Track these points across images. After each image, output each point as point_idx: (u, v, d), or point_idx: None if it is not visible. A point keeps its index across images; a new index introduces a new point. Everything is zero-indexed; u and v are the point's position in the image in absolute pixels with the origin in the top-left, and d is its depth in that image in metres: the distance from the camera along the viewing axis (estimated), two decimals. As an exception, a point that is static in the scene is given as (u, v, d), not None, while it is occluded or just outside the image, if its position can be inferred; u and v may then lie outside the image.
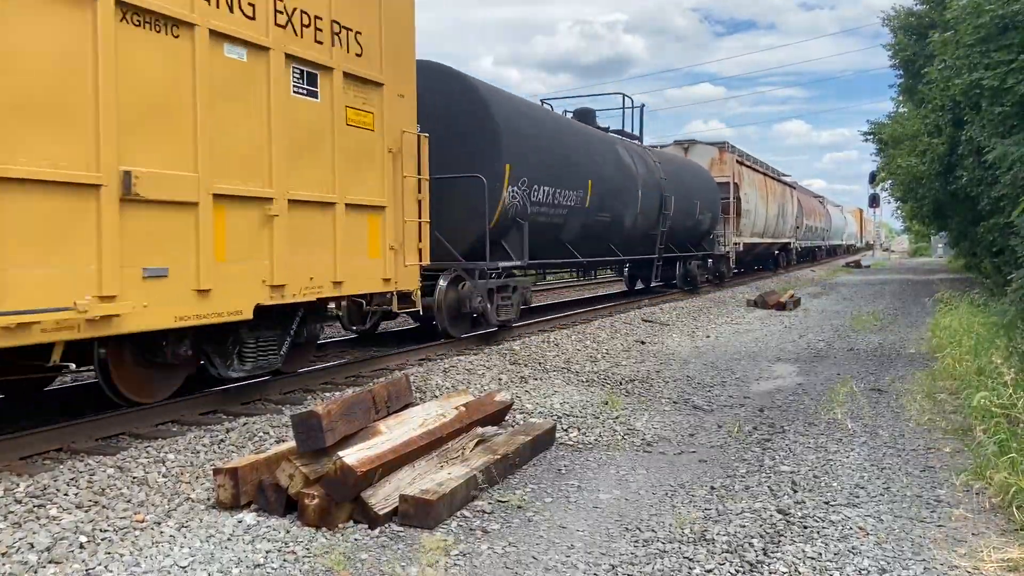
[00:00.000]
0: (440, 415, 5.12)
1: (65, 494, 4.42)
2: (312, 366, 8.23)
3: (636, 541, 4.00)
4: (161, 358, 6.04)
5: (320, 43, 6.95)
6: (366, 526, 4.11)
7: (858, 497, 4.65)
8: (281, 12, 6.51)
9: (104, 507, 4.27)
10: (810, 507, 4.47)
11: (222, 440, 5.61)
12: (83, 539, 3.83)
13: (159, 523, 4.09)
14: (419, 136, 8.42)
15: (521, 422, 6.20)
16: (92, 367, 5.87)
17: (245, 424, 6.04)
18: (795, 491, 4.75)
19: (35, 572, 3.53)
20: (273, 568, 3.63)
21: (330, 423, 4.29)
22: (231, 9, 6.04)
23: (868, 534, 4.08)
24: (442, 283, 9.74)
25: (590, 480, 5.01)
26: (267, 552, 3.78)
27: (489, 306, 10.30)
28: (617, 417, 6.64)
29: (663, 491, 4.80)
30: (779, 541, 3.98)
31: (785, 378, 8.72)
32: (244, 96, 6.17)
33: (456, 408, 5.35)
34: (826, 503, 4.54)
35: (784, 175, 32.52)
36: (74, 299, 4.83)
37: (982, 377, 7.11)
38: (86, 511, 4.20)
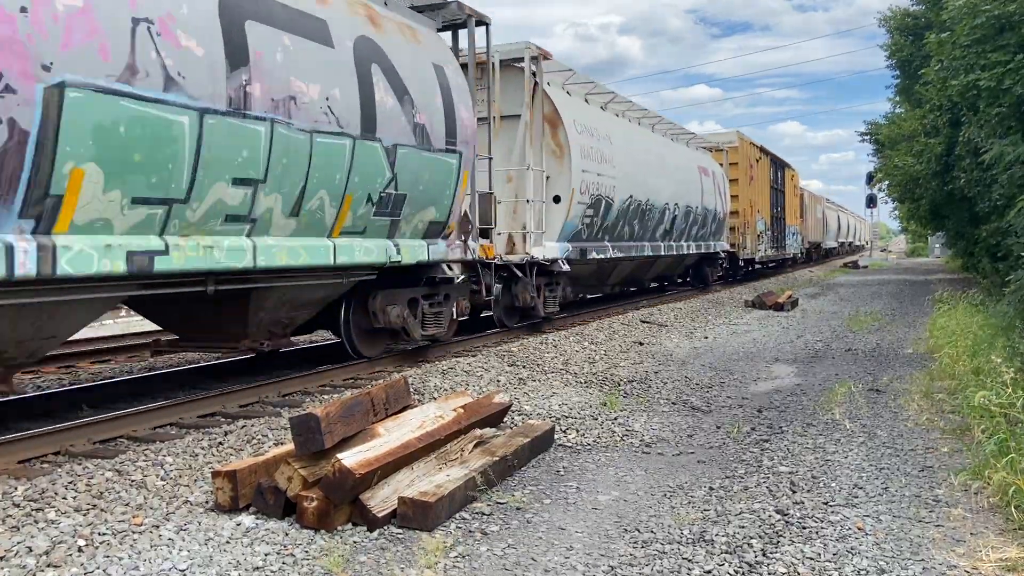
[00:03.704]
0: (439, 417, 5.12)
1: (63, 497, 4.42)
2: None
3: (635, 542, 4.00)
4: None
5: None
6: (365, 528, 4.11)
7: (856, 497, 4.65)
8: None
9: (102, 510, 4.27)
10: (809, 507, 4.47)
11: (220, 443, 5.61)
12: (81, 542, 3.83)
13: (158, 526, 4.08)
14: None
15: (520, 423, 6.20)
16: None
17: (243, 426, 6.04)
18: (794, 492, 4.75)
19: (33, 575, 3.52)
20: (272, 571, 3.63)
21: (328, 425, 4.29)
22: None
23: (867, 534, 4.08)
24: None
25: (589, 481, 5.01)
26: (266, 555, 3.77)
27: None
28: (615, 418, 6.64)
29: (662, 492, 4.80)
30: (778, 542, 3.98)
31: (783, 379, 8.73)
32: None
33: (454, 410, 5.35)
34: (825, 503, 4.54)
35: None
36: None
37: (980, 377, 7.12)
38: (84, 514, 4.19)
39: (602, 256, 13.88)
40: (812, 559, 3.77)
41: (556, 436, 5.99)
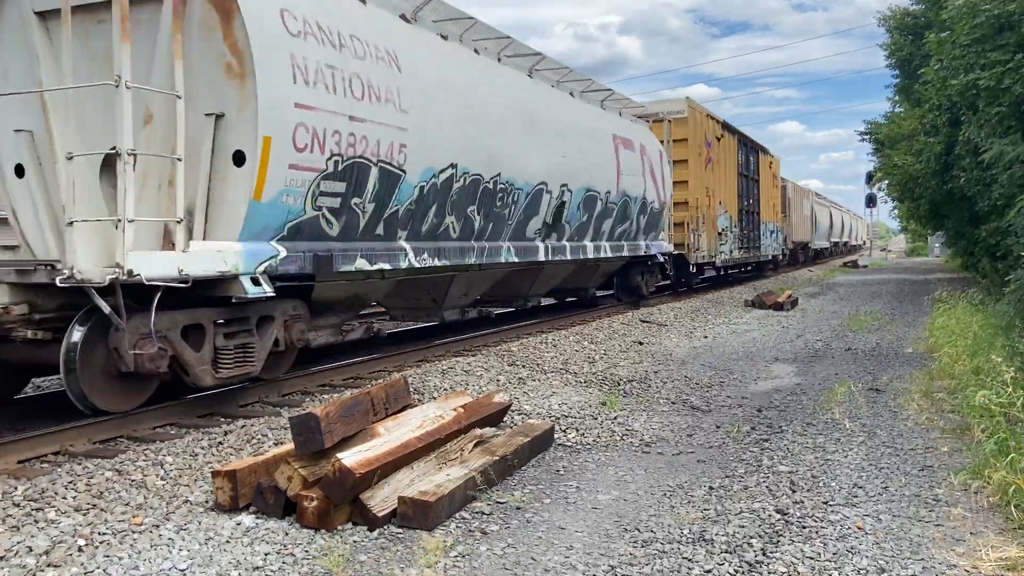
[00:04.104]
0: (438, 416, 5.12)
1: (63, 497, 4.42)
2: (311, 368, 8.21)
3: (635, 542, 4.00)
4: None
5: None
6: (365, 528, 4.11)
7: (856, 497, 4.66)
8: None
9: (102, 510, 4.27)
10: (808, 507, 4.47)
11: (220, 442, 5.61)
12: (81, 542, 3.83)
13: (158, 525, 4.09)
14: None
15: (520, 423, 6.20)
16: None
17: (243, 426, 6.04)
18: (793, 491, 4.75)
19: (34, 575, 3.52)
20: (272, 570, 3.63)
21: (328, 425, 4.29)
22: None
23: (867, 533, 4.08)
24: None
25: (589, 481, 5.01)
26: (266, 554, 3.77)
27: None
28: (615, 418, 6.64)
29: (662, 492, 4.80)
30: (778, 541, 3.99)
31: (783, 378, 8.73)
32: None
33: (454, 409, 5.35)
34: (824, 503, 4.55)
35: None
36: None
37: (980, 376, 7.12)
38: (84, 514, 4.19)
39: (389, 266, 8.01)
40: (812, 558, 3.77)
41: (556, 435, 5.99)
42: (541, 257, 11.40)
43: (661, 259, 16.55)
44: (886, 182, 30.42)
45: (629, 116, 15.49)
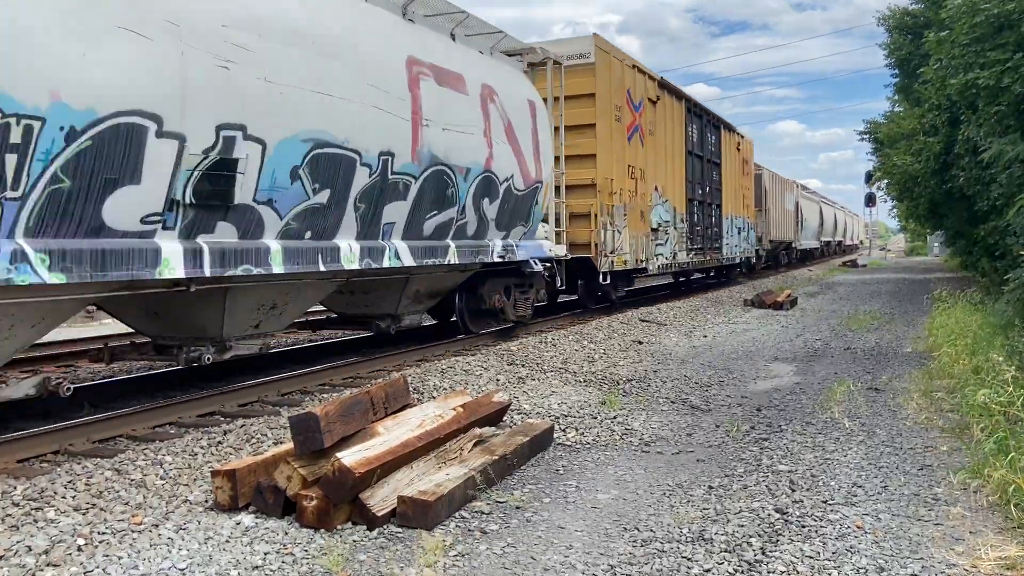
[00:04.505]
0: (438, 416, 5.12)
1: (63, 497, 4.42)
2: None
3: (634, 541, 4.00)
4: None
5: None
6: (364, 527, 4.11)
7: (856, 496, 4.66)
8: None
9: (102, 509, 4.27)
10: (808, 506, 4.47)
11: (220, 442, 5.61)
12: (81, 541, 3.83)
13: (157, 525, 4.08)
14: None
15: (519, 422, 6.20)
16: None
17: (243, 426, 6.04)
18: (793, 490, 4.75)
19: (33, 575, 3.52)
20: (272, 570, 3.63)
21: (328, 424, 4.29)
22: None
23: (866, 533, 4.08)
24: None
25: (588, 480, 5.01)
26: (265, 554, 3.77)
27: None
28: (615, 417, 6.64)
29: (661, 491, 4.80)
30: (777, 540, 3.99)
31: (782, 377, 8.73)
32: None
33: (454, 409, 5.35)
34: (824, 502, 4.55)
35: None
36: None
37: (979, 375, 7.12)
38: (84, 513, 4.19)
39: None
40: (811, 558, 3.77)
41: (555, 435, 5.99)
42: (178, 272, 5.62)
43: (538, 267, 11.06)
44: (885, 181, 30.38)
45: (479, 47, 9.96)
